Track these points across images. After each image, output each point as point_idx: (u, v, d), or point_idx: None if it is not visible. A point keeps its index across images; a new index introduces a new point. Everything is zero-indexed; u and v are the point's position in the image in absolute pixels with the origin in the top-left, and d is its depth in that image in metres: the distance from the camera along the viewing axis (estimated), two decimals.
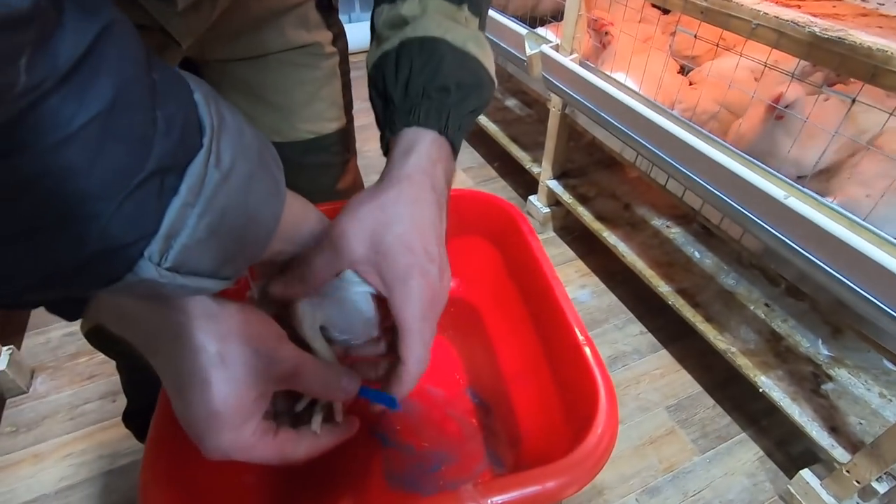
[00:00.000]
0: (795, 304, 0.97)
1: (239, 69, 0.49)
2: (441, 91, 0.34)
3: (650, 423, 0.96)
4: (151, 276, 0.18)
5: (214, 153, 0.19)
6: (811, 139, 0.73)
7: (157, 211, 0.17)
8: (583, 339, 0.36)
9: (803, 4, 0.69)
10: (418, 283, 0.29)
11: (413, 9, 0.36)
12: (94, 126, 0.15)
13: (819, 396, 0.82)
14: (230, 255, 0.21)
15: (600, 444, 0.30)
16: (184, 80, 0.19)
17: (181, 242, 0.18)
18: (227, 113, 0.20)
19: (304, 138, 0.52)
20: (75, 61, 0.14)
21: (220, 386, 0.24)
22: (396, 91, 0.34)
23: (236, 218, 0.20)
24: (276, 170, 0.23)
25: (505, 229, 0.48)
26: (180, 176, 0.18)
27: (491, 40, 1.26)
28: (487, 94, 0.36)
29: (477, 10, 0.38)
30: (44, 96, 0.14)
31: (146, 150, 0.16)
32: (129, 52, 0.16)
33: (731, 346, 0.90)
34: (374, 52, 0.37)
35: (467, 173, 1.61)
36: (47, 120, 0.14)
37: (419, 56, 0.34)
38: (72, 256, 0.16)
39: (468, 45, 0.35)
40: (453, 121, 0.34)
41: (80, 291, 0.19)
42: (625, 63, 0.98)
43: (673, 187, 0.99)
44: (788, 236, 0.67)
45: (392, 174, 0.31)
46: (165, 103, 0.17)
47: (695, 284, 1.02)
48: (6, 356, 0.97)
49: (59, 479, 0.87)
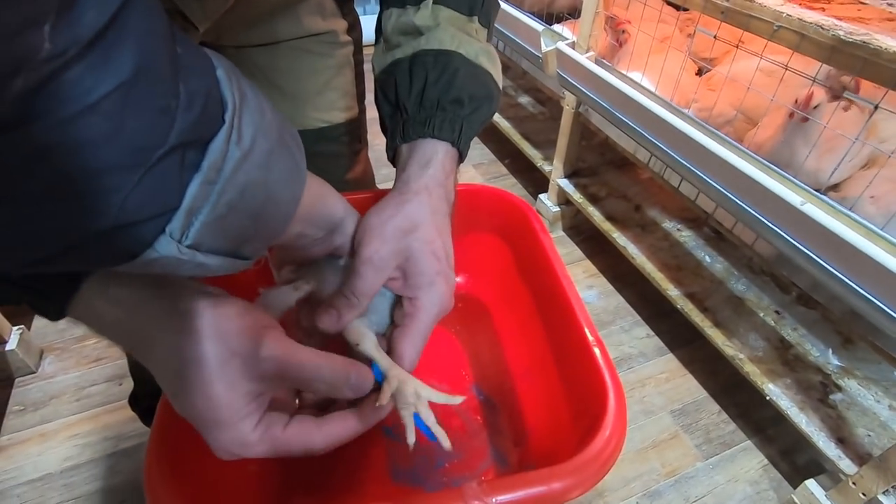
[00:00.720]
0: (806, 312, 0.96)
1: (254, 55, 0.49)
2: (455, 103, 0.35)
3: (654, 426, 0.95)
4: (172, 252, 0.18)
5: (236, 130, 0.19)
6: (830, 150, 0.71)
7: (179, 186, 0.17)
8: (593, 340, 0.36)
9: (828, 7, 0.68)
10: (440, 289, 0.32)
11: (426, 19, 0.36)
12: (116, 96, 0.15)
13: (827, 406, 0.81)
14: (250, 233, 0.21)
15: (608, 446, 0.30)
16: (206, 56, 0.19)
17: (202, 220, 0.18)
18: (249, 91, 0.20)
19: (316, 126, 0.52)
20: (99, 30, 0.14)
21: (208, 386, 0.24)
22: (410, 101, 0.35)
23: (256, 196, 0.20)
24: (295, 150, 0.23)
25: (516, 226, 0.47)
26: (202, 152, 0.18)
27: (506, 36, 1.26)
28: (496, 105, 0.38)
29: (486, 21, 0.39)
30: (67, 64, 0.13)
31: (168, 124, 0.16)
32: (153, 24, 0.16)
33: (739, 352, 0.89)
34: (383, 56, 0.38)
35: (477, 169, 1.61)
36: (70, 89, 0.14)
37: (434, 68, 0.35)
38: (91, 229, 0.16)
39: (480, 59, 0.36)
40: (465, 132, 0.35)
41: (98, 266, 0.19)
42: (641, 62, 0.97)
43: (686, 190, 0.98)
44: (803, 243, 0.66)
45: (411, 185, 0.33)
46: (188, 77, 0.17)
47: (704, 289, 1.01)
48: (16, 336, 0.98)
49: (64, 458, 0.88)
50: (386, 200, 0.33)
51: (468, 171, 1.60)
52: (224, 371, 0.24)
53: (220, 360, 0.24)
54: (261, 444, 0.25)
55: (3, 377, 0.99)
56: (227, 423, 0.24)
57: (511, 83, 1.75)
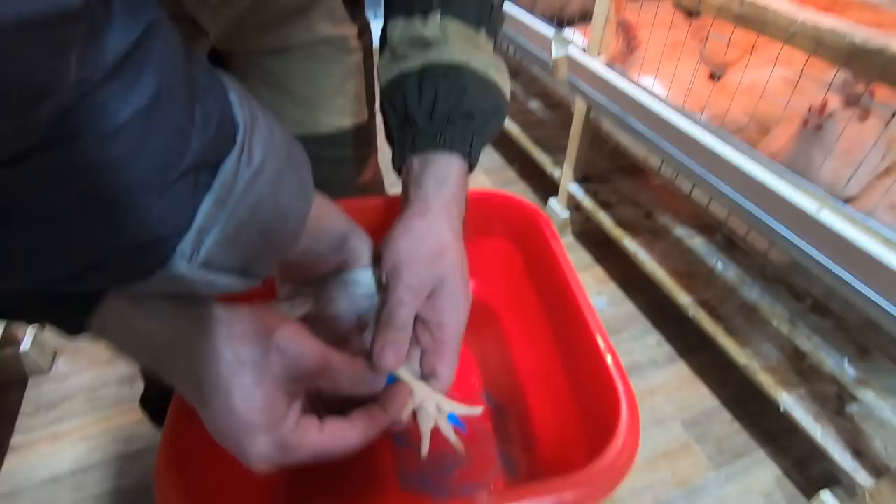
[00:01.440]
0: (821, 321, 0.94)
1: (265, 60, 0.49)
2: (466, 117, 0.35)
3: (664, 435, 0.94)
4: (182, 271, 0.18)
5: (246, 151, 0.19)
6: (847, 159, 0.70)
7: (192, 206, 0.18)
8: (604, 347, 0.35)
9: (845, 12, 0.67)
10: (465, 309, 0.32)
11: (434, 31, 0.36)
12: (138, 119, 0.15)
13: (843, 418, 0.80)
14: (259, 251, 0.21)
15: (621, 456, 0.29)
16: (220, 79, 0.19)
17: (212, 238, 0.18)
18: (260, 112, 0.21)
19: (326, 131, 0.52)
20: (122, 56, 0.14)
21: (244, 390, 0.24)
22: (420, 113, 0.35)
23: (265, 215, 0.20)
24: (304, 169, 0.23)
25: (527, 231, 0.47)
26: (213, 172, 0.18)
27: (516, 40, 1.26)
28: (503, 118, 0.39)
29: (493, 33, 0.39)
30: (92, 90, 0.14)
31: (185, 145, 0.17)
32: (171, 49, 0.16)
33: (752, 361, 0.88)
34: (391, 66, 0.38)
35: (487, 174, 1.60)
36: (95, 113, 0.14)
37: (444, 81, 0.35)
38: (110, 249, 0.16)
39: (490, 72, 0.37)
40: (476, 145, 0.35)
41: (113, 284, 0.19)
42: (653, 68, 0.96)
43: (698, 196, 0.97)
44: (819, 251, 0.65)
45: (432, 205, 0.33)
46: (203, 100, 0.17)
47: (716, 296, 1.00)
48: (30, 336, 0.99)
49: (75, 459, 0.89)
50: (410, 221, 0.33)
51: (478, 175, 1.60)
52: (261, 369, 0.24)
53: (256, 359, 0.24)
54: (302, 447, 0.25)
55: (17, 378, 1.00)
56: (268, 424, 0.24)
57: (521, 88, 1.75)
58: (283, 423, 0.25)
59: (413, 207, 0.34)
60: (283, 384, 0.25)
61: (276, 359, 0.25)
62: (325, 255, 0.31)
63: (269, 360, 0.24)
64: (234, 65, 0.51)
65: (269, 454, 0.24)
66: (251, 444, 0.24)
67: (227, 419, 0.24)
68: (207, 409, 0.24)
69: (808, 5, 0.69)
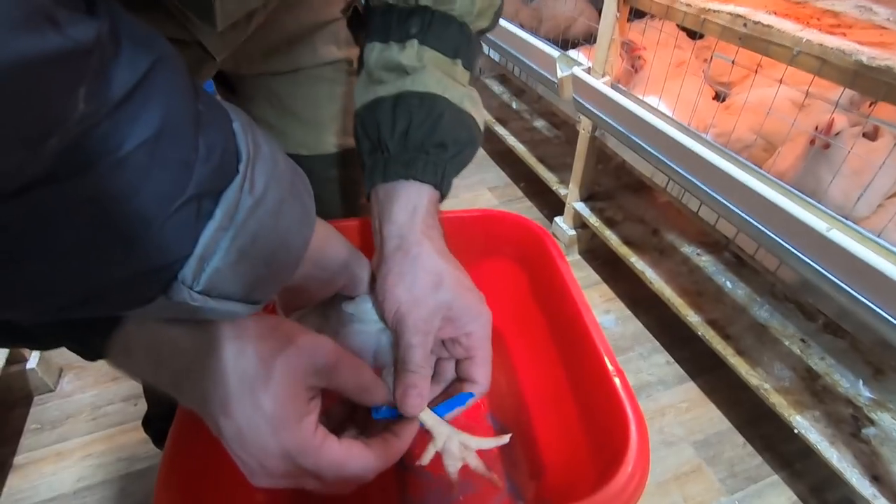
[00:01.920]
0: (834, 341, 0.92)
1: (271, 82, 0.50)
2: (439, 147, 0.35)
3: (675, 458, 0.92)
4: (183, 298, 0.19)
5: (249, 180, 0.19)
6: (857, 180, 0.70)
7: (194, 234, 0.18)
8: (613, 370, 0.35)
9: (849, 32, 0.67)
10: (485, 311, 0.33)
11: (411, 59, 0.36)
12: (142, 152, 0.15)
13: (859, 441, 0.77)
14: (260, 278, 0.21)
15: (631, 482, 0.29)
16: (224, 110, 0.20)
17: (213, 266, 0.19)
18: (263, 142, 0.21)
19: (332, 152, 0.53)
20: (128, 91, 0.15)
21: (268, 387, 0.24)
22: (393, 141, 0.35)
23: (266, 242, 0.21)
24: (306, 197, 0.24)
25: (532, 251, 0.47)
26: (216, 201, 0.18)
27: (522, 61, 1.27)
28: (477, 148, 0.39)
29: (469, 64, 0.39)
30: (98, 123, 0.14)
31: (188, 175, 0.17)
32: (177, 83, 0.17)
33: (764, 382, 0.86)
34: (366, 90, 0.38)
35: (493, 192, 1.61)
36: (100, 145, 0.15)
37: (419, 110, 0.35)
38: (111, 278, 0.17)
39: (465, 103, 0.37)
40: (448, 175, 0.36)
41: (114, 310, 0.19)
42: (658, 87, 0.97)
43: (705, 214, 0.97)
44: (830, 270, 0.64)
45: (410, 238, 0.33)
46: (207, 131, 0.18)
47: (725, 315, 0.99)
48: (36, 354, 0.99)
49: (77, 478, 0.88)
50: (395, 262, 0.33)
51: (484, 194, 1.60)
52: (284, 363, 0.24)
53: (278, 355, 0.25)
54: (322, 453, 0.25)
55: (23, 395, 1.00)
56: (293, 418, 0.24)
57: (526, 107, 1.76)
58: (307, 419, 0.25)
59: (390, 244, 0.33)
60: (301, 379, 0.25)
61: (292, 353, 0.25)
62: (327, 280, 0.32)
63: (285, 355, 0.25)
64: (240, 86, 0.52)
65: (294, 454, 0.24)
66: (275, 443, 0.24)
67: (253, 417, 0.24)
68: (229, 414, 0.24)
69: (810, 27, 0.69)
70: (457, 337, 0.33)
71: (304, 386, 0.25)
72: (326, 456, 0.25)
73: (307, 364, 0.26)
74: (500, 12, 0.41)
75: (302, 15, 0.47)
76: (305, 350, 0.26)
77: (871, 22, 0.73)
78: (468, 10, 0.38)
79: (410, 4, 0.37)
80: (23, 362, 0.97)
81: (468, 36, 0.39)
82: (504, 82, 1.90)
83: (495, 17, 0.41)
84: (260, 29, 0.43)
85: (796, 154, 0.75)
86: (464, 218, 0.48)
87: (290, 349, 0.25)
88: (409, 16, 0.37)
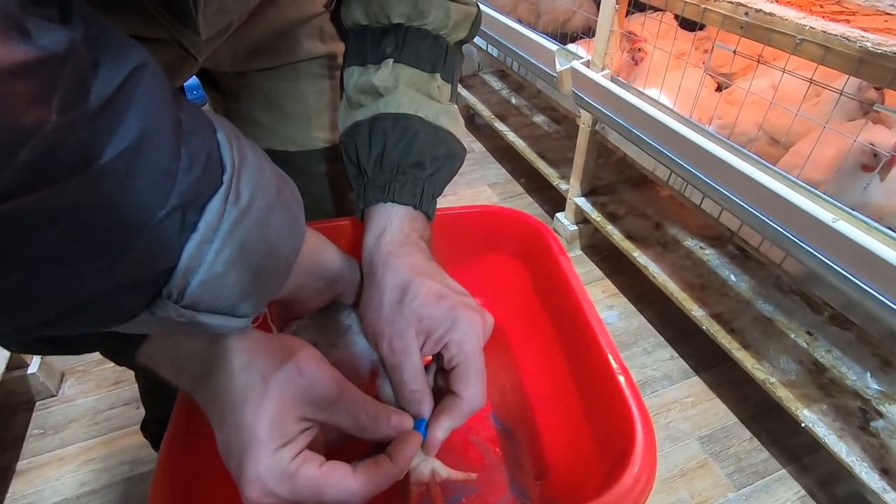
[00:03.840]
0: (840, 333, 0.91)
1: (255, 78, 0.49)
2: (415, 167, 0.35)
3: (681, 454, 0.91)
4: (168, 313, 0.18)
5: (234, 190, 0.19)
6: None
7: (178, 246, 0.17)
8: (617, 367, 0.34)
9: (852, 19, 0.66)
10: (465, 318, 0.31)
11: (385, 79, 0.36)
12: (120, 161, 0.15)
13: (868, 434, 0.76)
14: (248, 290, 0.21)
15: (638, 482, 0.28)
16: (208, 120, 0.19)
17: (198, 279, 0.18)
18: (249, 151, 0.21)
19: (319, 147, 0.52)
20: (105, 100, 0.14)
21: (259, 404, 0.24)
22: (370, 164, 0.36)
23: (254, 252, 0.20)
24: (295, 205, 0.23)
25: (533, 247, 0.46)
26: (199, 212, 0.18)
27: (520, 55, 1.26)
28: (459, 162, 0.38)
29: (449, 76, 0.39)
30: (74, 133, 0.14)
31: (170, 185, 0.17)
32: (157, 91, 0.16)
33: (771, 376, 0.85)
34: (346, 115, 0.38)
35: (493, 189, 1.60)
36: (77, 155, 0.14)
37: (393, 132, 0.35)
38: (91, 292, 0.16)
39: (440, 119, 0.37)
40: (427, 194, 0.35)
41: (95, 327, 0.19)
42: (658, 80, 0.96)
43: (708, 207, 0.96)
44: (837, 261, 0.63)
45: (376, 263, 0.33)
46: (189, 141, 0.17)
47: (730, 309, 0.98)
48: (38, 359, 0.99)
49: (80, 483, 0.88)
50: (365, 287, 0.33)
51: (484, 190, 1.59)
52: (277, 384, 0.25)
53: (274, 374, 0.25)
54: (297, 480, 0.24)
55: (25, 400, 1.00)
56: (272, 441, 0.24)
57: (526, 102, 1.75)
58: (287, 446, 0.25)
59: (364, 269, 0.34)
60: (296, 405, 0.25)
61: (294, 378, 0.25)
62: (321, 289, 0.32)
63: (286, 378, 0.25)
64: (224, 84, 0.51)
65: (266, 477, 0.24)
66: (252, 461, 0.24)
67: (236, 430, 0.24)
68: (223, 423, 0.25)
69: (813, 14, 0.68)
70: (440, 349, 0.31)
71: (296, 413, 0.25)
72: (302, 482, 0.24)
73: (305, 393, 0.25)
74: (478, 21, 0.41)
75: (285, 10, 0.46)
76: (307, 378, 0.26)
77: (875, 8, 0.72)
78: (443, 24, 0.38)
79: (384, 23, 0.37)
80: (24, 367, 0.97)
81: (445, 49, 0.39)
82: (503, 78, 1.89)
83: (473, 27, 0.40)
84: (243, 26, 0.42)
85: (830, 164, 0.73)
86: (464, 215, 0.48)
87: (292, 373, 0.25)
88: (383, 35, 0.37)
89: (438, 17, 0.37)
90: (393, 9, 0.37)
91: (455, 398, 0.30)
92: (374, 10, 0.37)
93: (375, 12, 0.37)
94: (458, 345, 0.31)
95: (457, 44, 0.40)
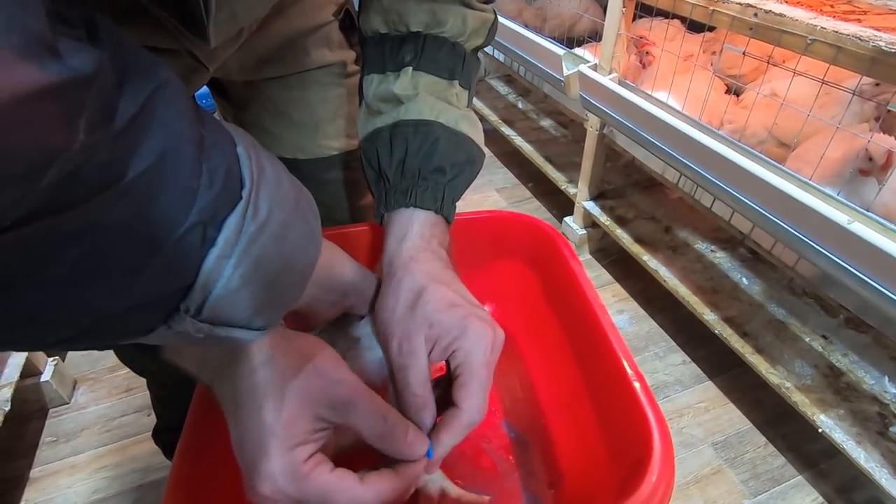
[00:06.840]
0: (856, 336, 0.90)
1: (264, 87, 0.50)
2: (436, 172, 0.36)
3: (695, 460, 0.90)
4: (185, 328, 0.18)
5: (252, 205, 0.19)
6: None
7: (196, 262, 0.17)
8: (632, 373, 0.33)
9: (864, 18, 0.65)
10: (476, 328, 0.31)
11: (405, 87, 0.37)
12: (143, 180, 0.15)
13: (887, 440, 0.75)
14: (264, 303, 0.21)
15: (655, 493, 0.27)
16: (228, 134, 0.19)
17: (216, 294, 0.18)
18: (267, 164, 0.21)
19: (327, 155, 0.53)
20: (130, 119, 0.14)
21: (276, 403, 0.24)
22: (391, 170, 0.36)
23: (270, 266, 0.20)
24: (311, 217, 0.23)
25: (544, 252, 0.46)
26: (218, 227, 0.18)
27: (527, 60, 1.26)
28: (479, 167, 0.39)
29: (467, 83, 0.40)
30: (98, 152, 0.14)
31: (191, 202, 0.17)
32: (179, 109, 0.16)
33: (785, 380, 0.84)
34: (366, 122, 0.39)
35: (501, 193, 1.60)
36: (101, 175, 0.14)
37: (414, 138, 0.36)
38: (111, 310, 0.16)
39: (461, 125, 0.37)
40: (448, 198, 0.36)
41: (113, 343, 0.19)
42: (667, 83, 0.95)
43: (719, 210, 0.95)
44: (853, 263, 0.62)
45: (395, 266, 0.33)
46: (210, 156, 0.17)
47: (742, 312, 0.96)
48: (51, 367, 1.00)
49: (92, 491, 0.88)
50: (383, 288, 0.33)
51: (492, 195, 1.59)
52: (295, 384, 0.25)
53: (292, 374, 0.25)
54: (310, 479, 0.24)
55: (38, 408, 1.00)
56: (286, 441, 0.24)
57: (533, 107, 1.75)
58: (302, 446, 0.24)
59: (384, 272, 0.34)
60: (314, 405, 0.25)
61: (312, 378, 0.25)
62: (333, 301, 0.32)
63: (306, 377, 0.25)
64: (234, 93, 0.51)
65: (278, 477, 0.24)
66: (264, 461, 0.24)
67: (253, 426, 0.24)
68: (239, 417, 0.25)
69: (824, 14, 0.67)
70: (448, 356, 0.31)
71: (312, 414, 0.25)
72: (313, 484, 0.24)
73: (323, 394, 0.25)
74: (494, 28, 0.41)
75: (294, 20, 0.46)
76: (326, 380, 0.25)
77: (887, 7, 0.71)
78: (460, 31, 0.38)
79: (402, 31, 0.38)
80: (37, 375, 0.98)
81: (462, 56, 0.39)
82: (509, 83, 1.89)
83: (490, 33, 0.41)
84: (253, 36, 0.43)
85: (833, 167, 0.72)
86: (473, 220, 0.47)
87: (312, 374, 0.25)
88: (402, 43, 0.38)
89: (456, 24, 0.38)
90: (411, 17, 0.37)
91: (455, 410, 0.30)
92: (392, 18, 0.38)
93: (394, 21, 0.38)
94: (464, 354, 0.31)
95: (473, 50, 0.41)
